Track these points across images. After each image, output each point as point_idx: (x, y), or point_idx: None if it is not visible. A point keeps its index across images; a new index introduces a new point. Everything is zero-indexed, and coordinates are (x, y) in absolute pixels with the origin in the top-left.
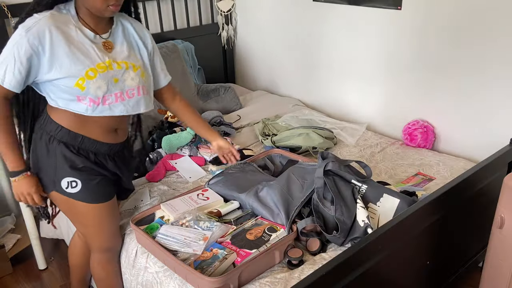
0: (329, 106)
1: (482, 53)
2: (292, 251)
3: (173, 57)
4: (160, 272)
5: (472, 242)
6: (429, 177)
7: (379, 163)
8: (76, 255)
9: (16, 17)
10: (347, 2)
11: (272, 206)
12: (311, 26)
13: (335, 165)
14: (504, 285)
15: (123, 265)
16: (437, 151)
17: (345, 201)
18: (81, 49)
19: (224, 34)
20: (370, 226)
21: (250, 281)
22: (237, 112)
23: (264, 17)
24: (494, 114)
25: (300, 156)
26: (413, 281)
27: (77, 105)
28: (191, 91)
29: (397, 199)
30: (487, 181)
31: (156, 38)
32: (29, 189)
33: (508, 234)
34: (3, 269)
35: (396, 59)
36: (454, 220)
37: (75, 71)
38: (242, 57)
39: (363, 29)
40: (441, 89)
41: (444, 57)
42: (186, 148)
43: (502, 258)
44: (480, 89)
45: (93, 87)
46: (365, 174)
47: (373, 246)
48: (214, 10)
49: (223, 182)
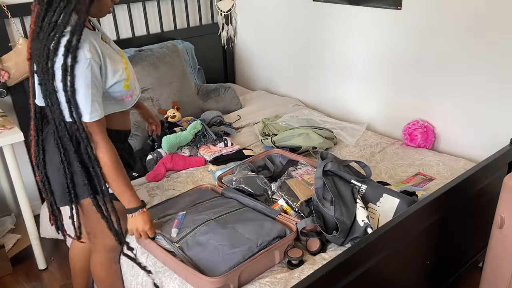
0: (329, 106)
1: (482, 53)
2: (292, 251)
3: (173, 57)
4: (160, 272)
5: (472, 242)
6: (429, 177)
7: (379, 163)
8: (80, 259)
9: (16, 17)
10: (347, 2)
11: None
12: (311, 26)
13: (334, 165)
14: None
15: (123, 265)
16: (437, 151)
17: (344, 201)
18: (110, 50)
19: (224, 34)
20: (370, 226)
21: (250, 281)
22: (237, 112)
23: (264, 17)
24: (494, 114)
25: (300, 156)
26: (413, 281)
27: (121, 104)
28: (191, 91)
29: (397, 199)
30: (487, 181)
31: (156, 38)
32: (143, 226)
33: (508, 234)
34: (3, 269)
35: (396, 59)
36: (454, 220)
37: (121, 73)
38: (242, 57)
39: (363, 29)
40: (441, 89)
41: (444, 57)
42: (186, 148)
43: (502, 258)
44: (480, 89)
45: (132, 83)
46: (365, 174)
47: (373, 246)
48: (214, 10)
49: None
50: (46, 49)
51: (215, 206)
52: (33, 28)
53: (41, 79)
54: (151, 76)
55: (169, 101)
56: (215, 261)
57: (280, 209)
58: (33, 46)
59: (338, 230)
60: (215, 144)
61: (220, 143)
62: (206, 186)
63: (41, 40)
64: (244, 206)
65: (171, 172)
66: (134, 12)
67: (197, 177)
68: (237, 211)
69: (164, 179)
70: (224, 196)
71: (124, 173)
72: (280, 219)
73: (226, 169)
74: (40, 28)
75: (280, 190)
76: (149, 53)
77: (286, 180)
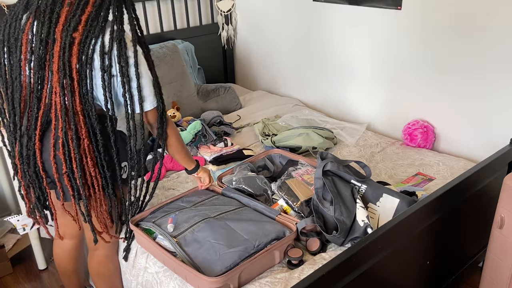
0: (329, 106)
1: (482, 53)
2: (292, 251)
3: (173, 57)
4: (160, 272)
5: (472, 242)
6: (429, 177)
7: (379, 163)
8: (68, 259)
9: None
10: (347, 2)
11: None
12: (311, 26)
13: (334, 165)
14: (504, 285)
15: (123, 265)
16: (437, 151)
17: (344, 201)
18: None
19: (224, 34)
20: (370, 226)
21: (250, 281)
22: (237, 112)
23: (264, 17)
24: (494, 114)
25: (300, 156)
26: (413, 281)
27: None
28: (191, 91)
29: (396, 199)
30: (487, 181)
31: (156, 38)
32: (209, 175)
33: (508, 234)
34: (3, 269)
35: (396, 59)
36: (454, 220)
37: None
38: (242, 57)
39: (363, 29)
40: (441, 89)
41: (444, 57)
42: None
43: (502, 258)
44: (480, 89)
45: None
46: (365, 174)
47: (373, 246)
48: (214, 10)
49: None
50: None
51: (215, 205)
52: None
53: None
54: None
55: (169, 101)
56: (212, 259)
57: (280, 209)
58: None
59: (338, 230)
60: (215, 144)
61: (220, 143)
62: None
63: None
64: (244, 206)
65: (171, 172)
66: None
67: None
68: (237, 210)
69: (164, 179)
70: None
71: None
72: (280, 219)
73: (226, 169)
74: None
75: (280, 190)
76: None
77: (286, 180)
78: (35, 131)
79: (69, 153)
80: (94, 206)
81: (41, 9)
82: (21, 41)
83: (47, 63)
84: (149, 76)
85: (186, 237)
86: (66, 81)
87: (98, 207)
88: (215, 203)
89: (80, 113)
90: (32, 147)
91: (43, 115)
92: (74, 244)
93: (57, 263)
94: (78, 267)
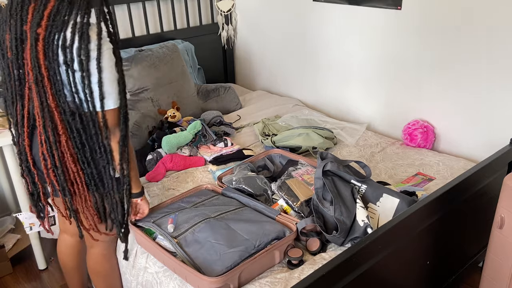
0: (329, 106)
1: (482, 53)
2: (292, 251)
3: (173, 57)
4: (160, 272)
5: (472, 242)
6: (429, 177)
7: (379, 163)
8: (70, 255)
9: None
10: (347, 2)
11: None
12: (311, 26)
13: (333, 165)
14: (504, 285)
15: (123, 265)
16: (437, 151)
17: (344, 201)
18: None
19: (224, 34)
20: (370, 226)
21: (250, 281)
22: (237, 112)
23: (264, 17)
24: (494, 114)
25: (300, 156)
26: (413, 281)
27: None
28: (191, 91)
29: (396, 199)
30: (487, 181)
31: (156, 38)
32: (147, 207)
33: (508, 234)
34: (3, 269)
35: (396, 59)
36: (454, 220)
37: None
38: (242, 57)
39: (363, 29)
40: (441, 89)
41: (444, 57)
42: (186, 148)
43: (502, 258)
44: (480, 89)
45: None
46: (365, 174)
47: (373, 246)
48: (214, 10)
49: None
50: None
51: (215, 205)
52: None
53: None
54: (151, 76)
55: (169, 101)
56: (212, 260)
57: (280, 209)
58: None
59: (338, 230)
60: (215, 144)
61: (220, 143)
62: (206, 186)
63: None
64: (244, 205)
65: (171, 172)
66: (134, 12)
67: (197, 177)
68: (237, 211)
69: (164, 179)
70: (224, 196)
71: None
72: (280, 219)
73: (226, 169)
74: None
75: (280, 190)
76: (149, 53)
77: (286, 180)
78: (23, 128)
79: (51, 150)
80: (79, 202)
81: (13, 8)
82: (6, 41)
83: (24, 61)
84: (113, 72)
85: (186, 237)
86: (38, 78)
87: (82, 203)
88: (215, 203)
89: (55, 110)
90: (22, 143)
91: (28, 112)
92: (76, 241)
93: (60, 260)
94: (81, 265)
